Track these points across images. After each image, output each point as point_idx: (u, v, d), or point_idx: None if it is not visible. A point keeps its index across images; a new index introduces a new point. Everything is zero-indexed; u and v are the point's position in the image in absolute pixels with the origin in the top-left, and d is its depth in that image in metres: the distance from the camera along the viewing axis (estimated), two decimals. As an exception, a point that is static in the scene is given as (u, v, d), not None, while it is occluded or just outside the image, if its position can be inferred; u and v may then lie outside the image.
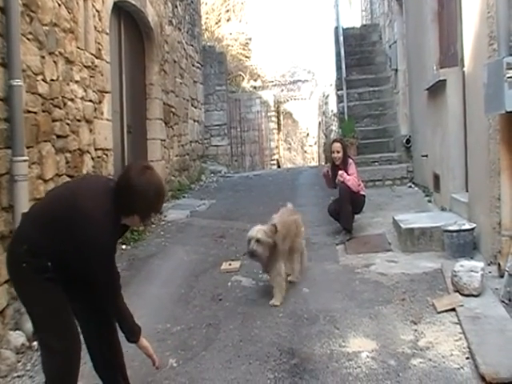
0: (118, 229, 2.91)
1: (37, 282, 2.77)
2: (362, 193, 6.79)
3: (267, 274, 5.07)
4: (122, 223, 2.91)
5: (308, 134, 25.82)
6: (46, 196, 3.31)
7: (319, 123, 22.14)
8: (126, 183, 2.83)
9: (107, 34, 7.19)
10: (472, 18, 5.30)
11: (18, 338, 4.14)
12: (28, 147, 4.85)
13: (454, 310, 4.14)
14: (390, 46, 11.54)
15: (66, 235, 2.73)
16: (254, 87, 19.00)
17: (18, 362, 3.99)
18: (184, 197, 10.39)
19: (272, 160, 18.67)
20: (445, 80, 6.52)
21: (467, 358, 3.49)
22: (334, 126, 15.63)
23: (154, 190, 2.85)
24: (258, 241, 4.69)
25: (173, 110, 10.56)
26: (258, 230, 4.75)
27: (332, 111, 17.66)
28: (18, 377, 3.80)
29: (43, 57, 5.29)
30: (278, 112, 20.48)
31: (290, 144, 24.26)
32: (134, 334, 3.03)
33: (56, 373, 2.85)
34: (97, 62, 6.77)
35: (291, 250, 5.20)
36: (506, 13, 4.41)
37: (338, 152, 6.70)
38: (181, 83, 11.38)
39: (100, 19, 6.96)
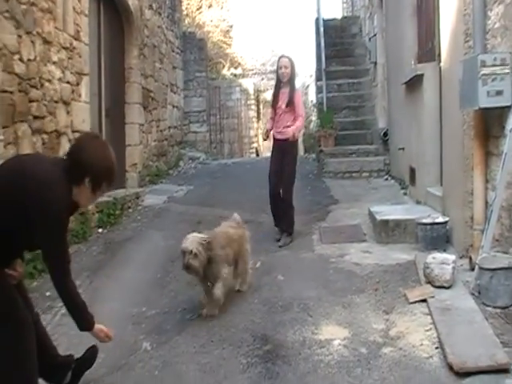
0: (70, 202, 2.76)
1: None
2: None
3: (208, 285, 4.46)
4: (72, 199, 2.77)
5: (287, 124, 25.83)
6: None
7: (298, 113, 22.13)
8: (77, 146, 2.85)
9: (86, 15, 7.10)
10: (449, 15, 5.35)
11: None
12: (4, 127, 4.80)
13: (425, 300, 4.20)
14: (369, 39, 11.55)
15: (12, 204, 2.62)
16: (234, 75, 18.88)
17: None
18: (162, 182, 10.38)
19: (251, 148, 18.66)
20: (422, 75, 6.56)
21: (436, 348, 3.54)
22: (313, 117, 15.67)
23: (104, 152, 2.83)
24: (192, 253, 4.16)
25: (151, 94, 10.48)
26: (192, 242, 4.22)
27: (311, 101, 17.70)
28: None
29: (20, 36, 5.22)
30: (257, 101, 20.43)
31: (269, 133, 24.24)
32: (85, 323, 2.88)
33: None
34: (75, 43, 6.69)
35: (235, 264, 4.76)
36: (482, 11, 4.47)
37: (286, 67, 6.29)
38: (160, 68, 11.29)
39: (79, 0, 6.86)
